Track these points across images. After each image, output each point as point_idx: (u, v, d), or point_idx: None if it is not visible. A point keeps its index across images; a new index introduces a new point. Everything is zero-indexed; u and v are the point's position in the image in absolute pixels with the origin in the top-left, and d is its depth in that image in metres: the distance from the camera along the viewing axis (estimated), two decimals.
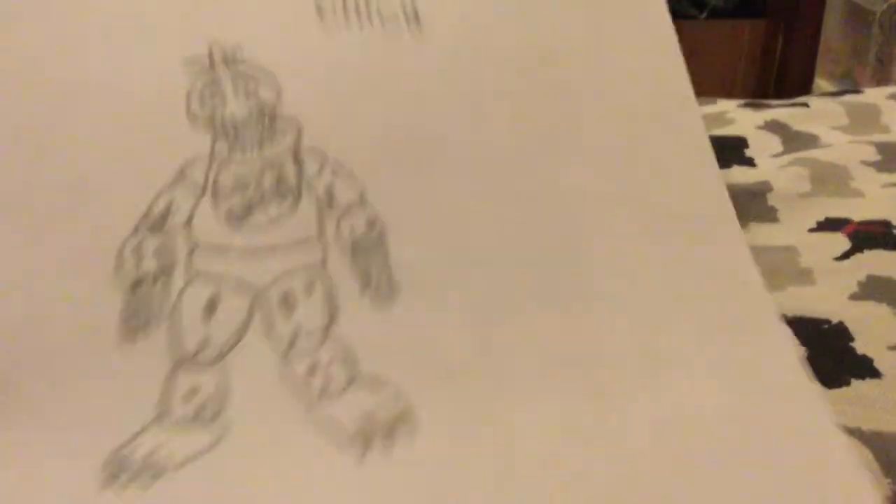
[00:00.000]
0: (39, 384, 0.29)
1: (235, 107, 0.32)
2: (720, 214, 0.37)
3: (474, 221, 0.33)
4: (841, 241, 0.50)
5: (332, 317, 0.31)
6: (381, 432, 0.29)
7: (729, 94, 0.74)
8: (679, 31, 0.43)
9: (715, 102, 0.68)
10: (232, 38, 0.33)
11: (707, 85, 0.41)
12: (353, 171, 0.33)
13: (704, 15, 1.81)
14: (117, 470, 0.27)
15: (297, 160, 0.32)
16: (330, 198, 0.32)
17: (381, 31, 0.34)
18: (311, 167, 0.32)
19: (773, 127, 0.63)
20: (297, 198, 0.32)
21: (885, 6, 1.79)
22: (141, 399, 0.29)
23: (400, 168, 0.33)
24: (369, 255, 0.32)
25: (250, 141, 0.32)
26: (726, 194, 0.38)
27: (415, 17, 0.35)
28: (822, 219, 0.52)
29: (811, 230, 0.51)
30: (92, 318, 0.29)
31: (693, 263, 0.35)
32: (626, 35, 0.39)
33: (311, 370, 0.30)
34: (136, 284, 0.30)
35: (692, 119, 0.38)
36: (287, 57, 0.33)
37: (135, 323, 0.30)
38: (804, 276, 0.45)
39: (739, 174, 0.55)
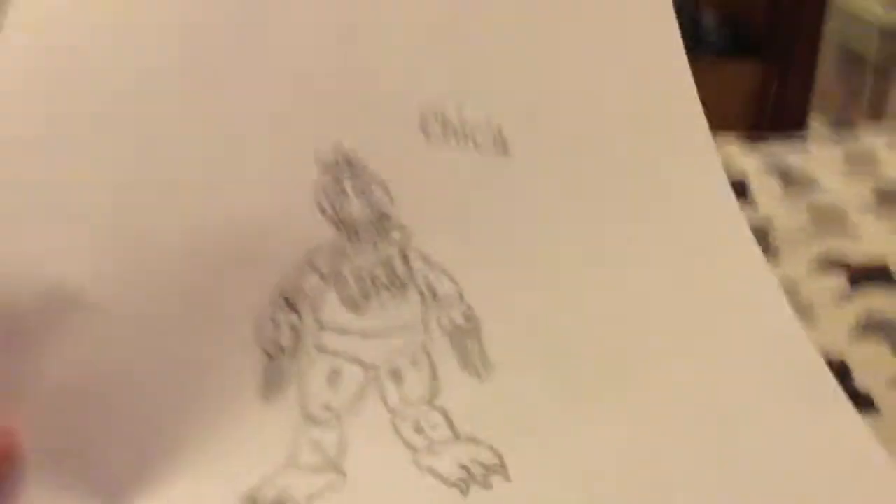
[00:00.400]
0: (189, 435, 0.34)
1: (355, 207, 0.37)
2: (768, 284, 0.43)
3: (553, 316, 0.39)
4: (841, 280, 0.52)
5: (435, 389, 0.37)
6: (478, 480, 0.35)
7: (723, 132, 0.75)
8: None
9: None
10: (352, 145, 0.38)
11: None
12: (451, 273, 0.38)
13: (701, 54, 1.83)
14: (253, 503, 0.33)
15: (405, 260, 0.38)
16: (432, 293, 0.38)
17: (475, 152, 0.40)
18: (416, 267, 0.38)
19: (773, 170, 0.65)
20: (405, 291, 0.38)
21: (877, 48, 1.82)
22: (273, 451, 0.34)
23: (491, 271, 0.39)
24: (466, 340, 0.38)
25: (366, 239, 0.37)
26: (766, 263, 0.43)
27: (503, 146, 0.40)
28: (822, 258, 0.54)
29: (812, 269, 0.53)
30: (235, 378, 0.35)
31: (746, 333, 0.41)
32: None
33: (417, 430, 0.36)
34: (274, 352, 0.36)
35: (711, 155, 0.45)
36: (397, 168, 0.38)
37: (271, 386, 0.35)
38: (805, 313, 0.48)
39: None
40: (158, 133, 0.35)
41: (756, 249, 0.43)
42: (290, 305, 0.36)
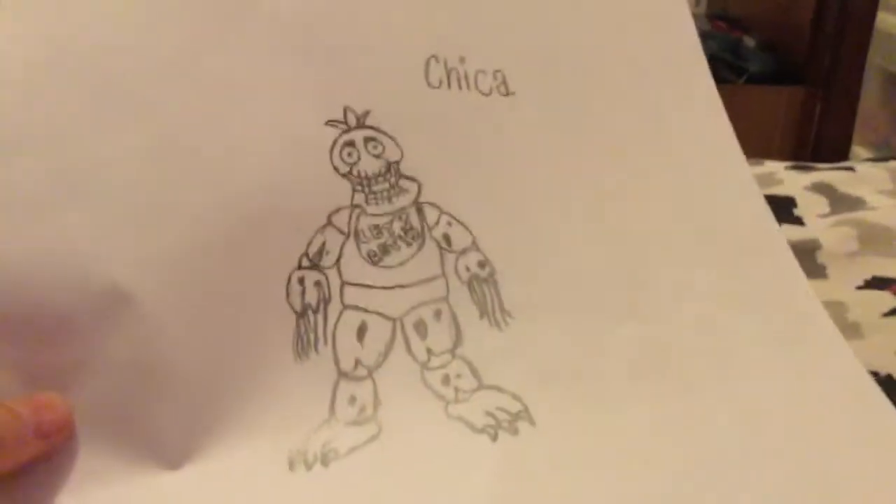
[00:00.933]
0: (233, 397, 0.35)
1: (368, 164, 0.39)
2: (768, 230, 0.44)
3: (566, 258, 0.40)
4: (888, 299, 0.52)
5: (457, 339, 0.38)
6: (505, 426, 0.36)
7: (766, 159, 0.75)
8: None
9: (762, 164, 0.70)
10: (361, 105, 0.39)
11: (744, 151, 0.44)
12: (464, 221, 0.40)
13: (742, 80, 1.83)
14: (300, 458, 0.34)
15: (420, 212, 0.39)
16: (448, 243, 0.39)
17: (479, 97, 0.41)
18: (430, 218, 0.39)
19: (821, 188, 0.65)
20: (422, 243, 0.39)
21: None
22: (313, 407, 0.36)
23: (503, 218, 0.40)
24: (483, 288, 0.39)
25: (381, 195, 0.39)
26: (770, 215, 0.44)
27: (506, 91, 0.42)
28: (869, 277, 0.54)
29: (859, 287, 0.53)
30: (272, 340, 0.36)
31: (746, 274, 0.42)
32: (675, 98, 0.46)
33: (444, 381, 0.37)
34: (303, 312, 0.37)
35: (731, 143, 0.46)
36: (404, 120, 0.40)
37: (305, 345, 0.37)
38: (853, 331, 0.47)
39: (789, 232, 0.56)
40: (174, 113, 0.36)
41: (759, 196, 0.45)
42: (315, 265, 0.37)
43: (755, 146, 0.45)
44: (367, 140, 0.39)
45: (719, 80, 0.46)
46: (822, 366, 0.40)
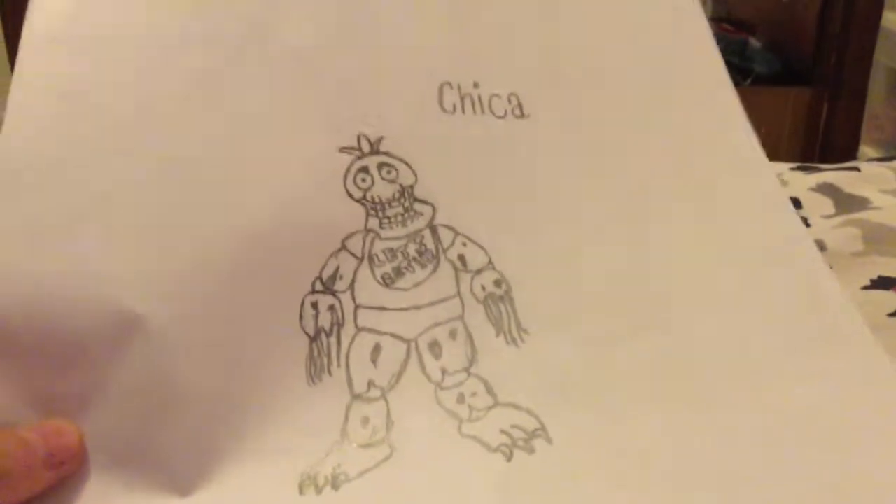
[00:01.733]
0: (245, 422, 0.35)
1: (382, 189, 0.39)
2: (796, 237, 0.43)
3: (583, 273, 0.40)
4: (894, 299, 0.52)
5: (472, 357, 0.38)
6: (521, 444, 0.36)
7: (774, 161, 0.75)
8: None
9: None
10: (374, 132, 0.39)
11: None
12: (480, 242, 0.40)
13: (749, 82, 1.83)
14: (310, 482, 0.34)
15: (434, 234, 0.39)
16: (463, 263, 0.39)
17: (494, 120, 0.41)
18: (445, 239, 0.39)
19: (825, 189, 0.65)
20: (437, 264, 0.39)
21: None
22: (325, 430, 0.36)
23: (519, 237, 0.40)
24: (500, 306, 0.39)
25: (395, 219, 0.39)
26: (799, 220, 0.44)
27: (521, 113, 0.42)
28: (875, 277, 0.54)
29: (864, 287, 0.53)
30: (284, 363, 0.36)
31: (773, 281, 0.42)
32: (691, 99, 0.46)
33: (459, 400, 0.37)
34: (316, 335, 0.37)
35: (753, 147, 0.45)
36: (418, 144, 0.40)
37: (318, 368, 0.37)
38: None
39: None
40: (186, 141, 0.37)
41: (785, 201, 0.44)
42: (328, 289, 0.37)
43: (763, 147, 0.45)
44: (380, 165, 0.39)
45: None
46: (856, 373, 0.39)
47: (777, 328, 0.40)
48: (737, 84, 0.46)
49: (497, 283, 0.39)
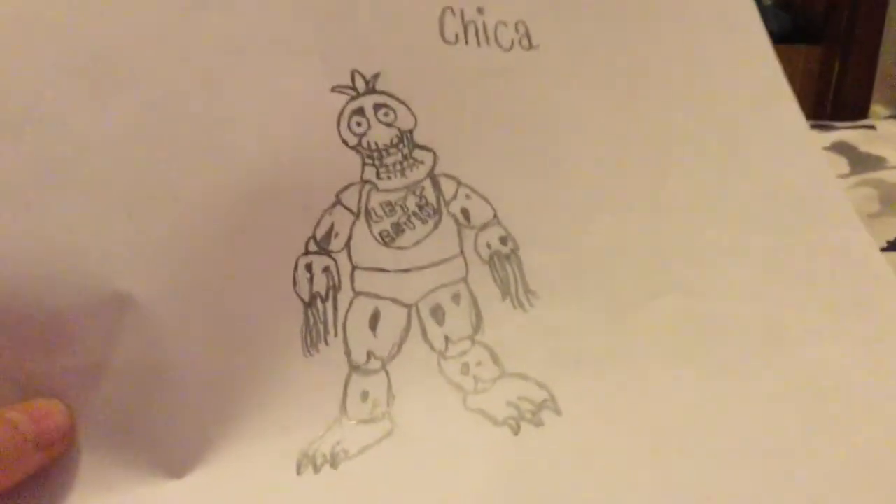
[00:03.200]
0: (240, 399, 0.33)
1: (378, 134, 0.35)
2: (831, 197, 0.40)
3: (594, 229, 0.37)
4: None
5: (477, 324, 0.35)
6: (528, 417, 0.33)
7: None
8: None
9: None
10: (369, 69, 0.35)
11: None
12: (485, 193, 0.36)
13: None
14: (308, 461, 0.32)
15: (435, 185, 0.36)
16: (466, 218, 0.36)
17: (500, 53, 0.38)
18: (448, 191, 0.36)
19: (840, 148, 0.64)
20: (438, 220, 0.36)
21: None
22: (324, 404, 0.33)
23: (524, 188, 0.37)
24: (506, 266, 0.36)
25: (394, 167, 0.35)
26: (835, 177, 0.41)
27: (528, 44, 0.38)
28: (891, 238, 0.53)
29: (881, 249, 0.52)
30: (279, 334, 0.33)
31: (808, 242, 0.39)
32: (718, 38, 0.42)
33: (463, 370, 0.34)
34: (312, 301, 0.34)
35: (786, 96, 0.42)
36: (418, 86, 0.36)
37: (314, 337, 0.34)
38: None
39: None
40: (163, 83, 0.33)
41: (818, 153, 0.42)
42: (323, 249, 0.34)
43: None
44: (377, 107, 0.35)
45: None
46: (888, 336, 0.36)
47: (806, 287, 0.37)
48: None
49: (503, 240, 0.36)
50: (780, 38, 1.86)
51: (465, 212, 0.36)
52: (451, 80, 0.37)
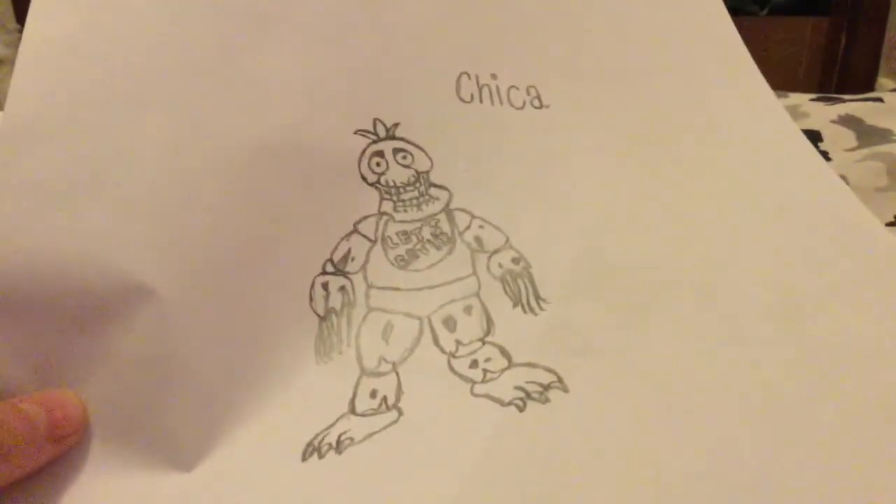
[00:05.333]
0: (250, 397, 0.34)
1: (396, 174, 0.38)
2: (819, 172, 0.42)
3: (610, 245, 0.39)
4: None
5: (488, 328, 0.36)
6: (535, 396, 0.33)
7: (792, 92, 0.73)
8: (739, 28, 0.46)
9: (787, 96, 0.68)
10: (390, 117, 0.39)
11: (769, 83, 0.43)
12: (497, 224, 0.39)
13: (766, 12, 1.79)
14: (314, 449, 0.32)
15: (450, 218, 0.38)
16: (479, 244, 0.38)
17: (512, 111, 0.41)
18: (461, 223, 0.38)
19: (847, 121, 0.63)
20: (452, 246, 0.38)
21: None
22: (333, 404, 0.34)
23: (534, 217, 0.39)
24: (517, 281, 0.37)
25: (410, 202, 0.38)
26: (817, 154, 0.43)
27: (539, 104, 0.41)
28: None
29: (889, 224, 0.51)
30: (292, 341, 0.35)
31: (804, 220, 0.40)
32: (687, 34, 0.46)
33: (473, 366, 0.35)
34: (327, 315, 0.36)
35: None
36: (435, 135, 0.39)
37: (327, 347, 0.35)
38: None
39: None
40: (202, 108, 0.36)
41: (807, 145, 0.43)
42: (339, 270, 0.36)
43: (780, 78, 0.44)
44: (396, 151, 0.38)
45: (743, 12, 0.44)
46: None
47: (815, 271, 0.38)
48: (754, 14, 0.45)
49: (515, 261, 0.38)
50: (787, 9, 1.85)
51: (478, 240, 0.38)
52: (466, 130, 0.40)
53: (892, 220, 0.52)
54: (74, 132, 0.34)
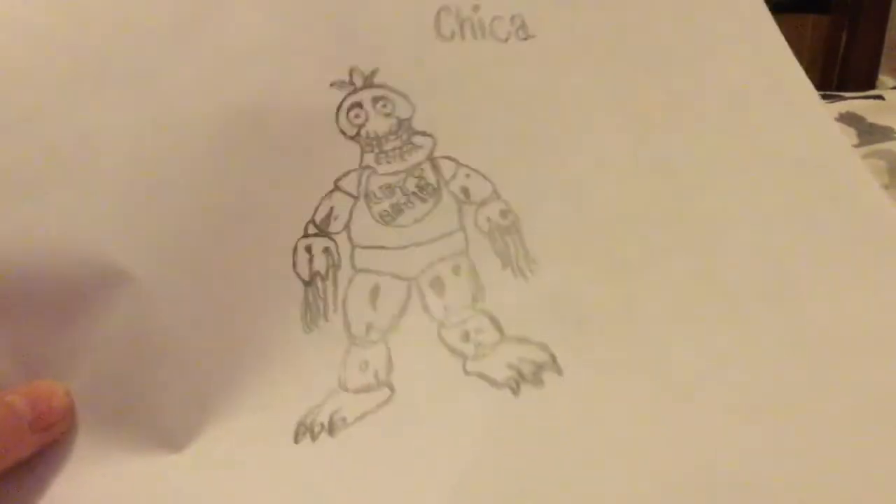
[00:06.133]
0: (238, 374, 0.33)
1: (377, 124, 0.36)
2: (833, 144, 0.40)
3: (596, 197, 0.37)
4: None
5: (477, 292, 0.35)
6: (528, 378, 0.33)
7: None
8: None
9: None
10: (368, 65, 0.37)
11: None
12: (483, 172, 0.37)
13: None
14: (307, 429, 0.32)
15: (435, 167, 0.37)
16: (466, 195, 0.36)
17: (496, 44, 0.38)
18: (447, 172, 0.37)
19: (848, 119, 0.63)
20: (438, 198, 0.36)
21: None
22: (323, 377, 0.33)
23: (522, 165, 0.37)
24: (506, 238, 0.36)
25: (392, 153, 0.36)
26: (839, 132, 0.40)
27: (525, 34, 0.39)
28: None
29: None
30: (278, 311, 0.34)
31: (811, 194, 0.38)
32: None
33: (464, 338, 0.34)
34: (311, 280, 0.35)
35: (790, 61, 0.42)
36: (415, 79, 0.37)
37: (314, 313, 0.34)
38: None
39: None
40: (169, 82, 0.35)
41: (821, 107, 0.41)
42: (322, 231, 0.35)
43: None
44: (375, 99, 0.37)
45: None
46: None
47: (814, 241, 0.37)
48: None
49: (503, 214, 0.36)
50: (788, 7, 1.84)
51: (464, 190, 0.37)
52: (447, 72, 0.38)
53: None
54: (37, 119, 0.33)
